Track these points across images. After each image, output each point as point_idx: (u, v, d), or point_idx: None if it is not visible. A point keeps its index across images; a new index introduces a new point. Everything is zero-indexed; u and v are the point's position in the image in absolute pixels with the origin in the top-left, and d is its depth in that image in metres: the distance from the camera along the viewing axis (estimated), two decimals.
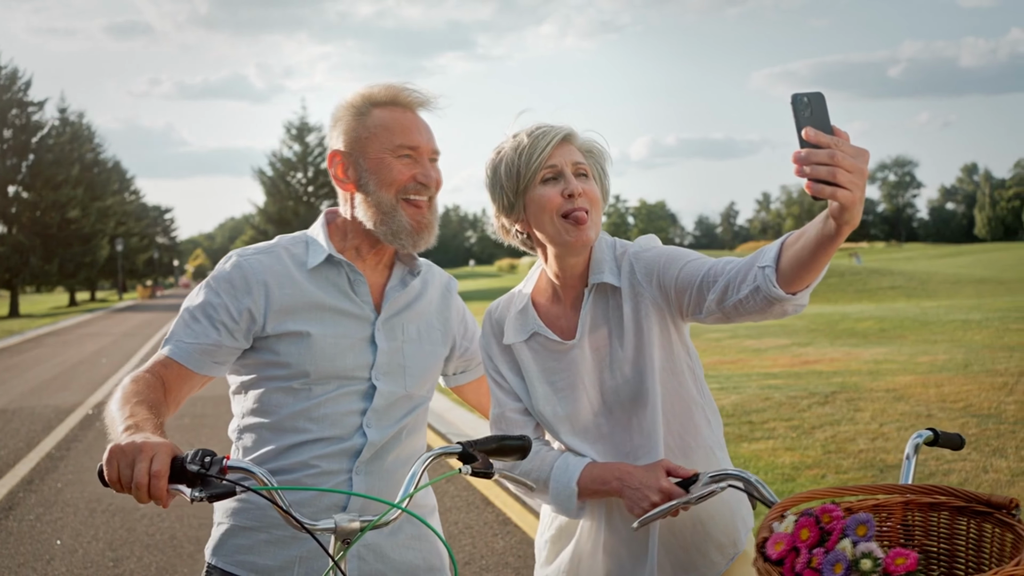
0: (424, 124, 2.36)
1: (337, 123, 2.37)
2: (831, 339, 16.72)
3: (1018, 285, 32.30)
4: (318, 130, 71.54)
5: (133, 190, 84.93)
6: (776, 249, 1.99)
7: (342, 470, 2.30)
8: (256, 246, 2.38)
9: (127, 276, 74.32)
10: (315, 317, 2.29)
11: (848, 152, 1.66)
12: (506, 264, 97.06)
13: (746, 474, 2.12)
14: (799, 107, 1.69)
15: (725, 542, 2.35)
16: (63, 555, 6.25)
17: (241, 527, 2.30)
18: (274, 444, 2.30)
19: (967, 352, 13.14)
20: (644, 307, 2.29)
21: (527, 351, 2.39)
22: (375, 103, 2.34)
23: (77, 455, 9.60)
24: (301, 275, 2.32)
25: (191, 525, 6.85)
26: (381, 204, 2.29)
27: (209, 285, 2.31)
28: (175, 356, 2.25)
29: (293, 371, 2.27)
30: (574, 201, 2.25)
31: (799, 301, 2.00)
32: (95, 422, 11.65)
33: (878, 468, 7.11)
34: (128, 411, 2.00)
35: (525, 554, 5.93)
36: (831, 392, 10.43)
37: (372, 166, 2.29)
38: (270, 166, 71.03)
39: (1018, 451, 7.28)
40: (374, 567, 2.32)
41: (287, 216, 68.73)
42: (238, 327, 2.27)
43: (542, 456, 2.36)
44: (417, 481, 2.01)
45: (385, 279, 2.41)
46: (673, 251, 2.30)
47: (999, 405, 9.07)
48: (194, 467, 1.77)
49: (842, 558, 1.62)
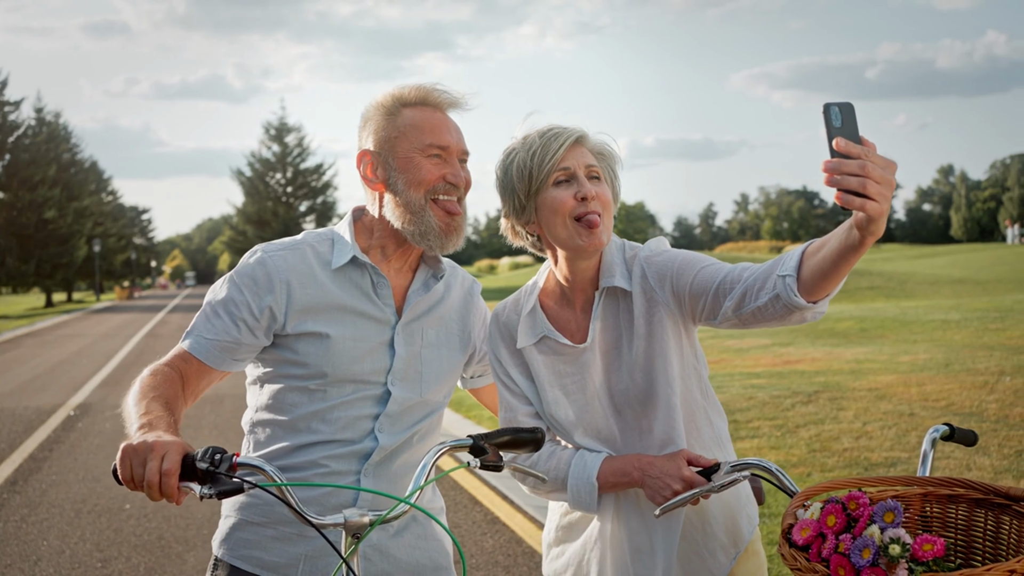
0: (454, 124, 2.36)
1: (367, 123, 2.36)
2: (812, 339, 16.80)
3: (995, 285, 32.57)
4: (297, 130, 71.42)
5: (110, 190, 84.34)
6: (797, 258, 1.99)
7: (351, 471, 2.29)
8: (282, 241, 2.37)
9: (104, 277, 73.80)
10: (336, 318, 2.29)
11: (877, 163, 1.66)
12: (485, 265, 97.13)
13: (767, 463, 2.13)
14: (830, 117, 1.69)
15: (727, 542, 2.36)
16: (50, 556, 6.21)
17: (248, 522, 2.31)
18: (287, 442, 2.30)
19: (947, 352, 13.24)
20: (656, 311, 2.29)
21: (537, 354, 2.38)
22: (405, 103, 2.34)
23: (60, 456, 9.54)
24: (324, 275, 2.31)
25: (178, 525, 6.81)
26: (410, 204, 2.27)
27: (232, 280, 2.30)
28: (194, 351, 2.25)
29: (311, 371, 2.27)
30: (587, 204, 2.23)
31: (819, 309, 2.01)
32: (77, 423, 11.58)
33: (863, 466, 7.15)
34: (144, 407, 2.01)
35: (514, 552, 5.94)
36: (814, 391, 10.48)
37: (402, 165, 2.29)
38: (249, 166, 70.87)
39: (1000, 449, 7.34)
40: (380, 567, 2.32)
41: (266, 217, 68.57)
42: (259, 324, 2.26)
43: (558, 456, 2.36)
44: (427, 475, 2.00)
45: (408, 282, 2.40)
46: (686, 255, 2.29)
47: (980, 404, 9.14)
48: (203, 465, 1.78)
49: (870, 544, 1.63)
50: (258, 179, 70.55)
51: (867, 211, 1.67)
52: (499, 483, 7.56)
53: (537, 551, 5.95)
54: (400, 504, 1.94)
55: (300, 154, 71.44)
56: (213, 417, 11.65)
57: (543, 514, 6.68)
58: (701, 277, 2.21)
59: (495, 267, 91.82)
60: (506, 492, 7.31)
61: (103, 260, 69.21)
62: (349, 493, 2.29)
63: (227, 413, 11.81)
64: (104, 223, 73.03)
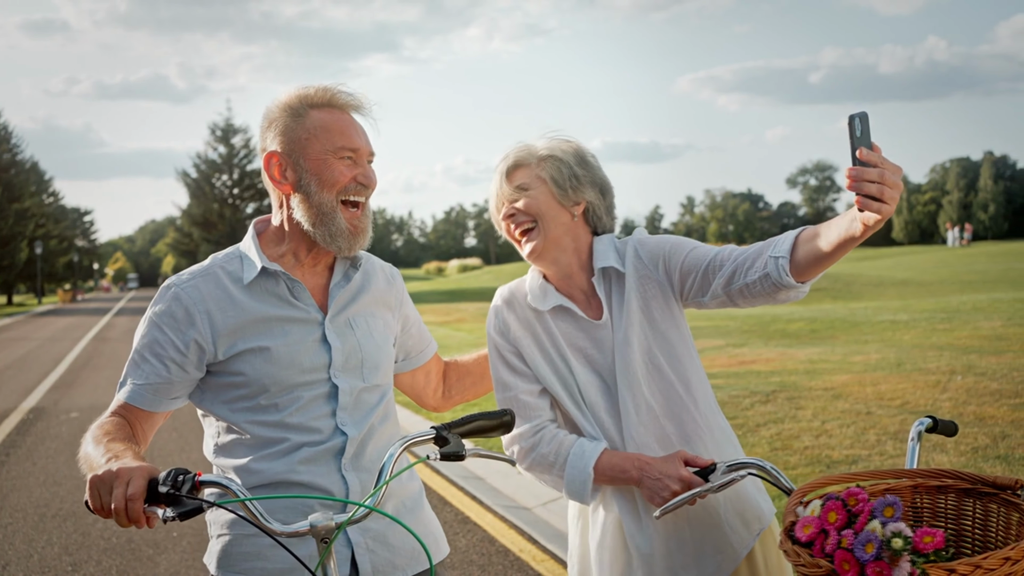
0: (361, 127, 2.39)
1: (272, 124, 2.36)
2: (764, 340, 17.02)
3: (938, 287, 33.16)
4: (244, 131, 70.62)
5: (51, 192, 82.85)
6: (790, 242, 2.21)
7: (331, 470, 2.30)
8: (191, 270, 2.38)
9: (46, 280, 72.56)
10: (263, 330, 2.30)
11: (891, 170, 1.84)
12: (433, 267, 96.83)
13: (763, 463, 2.22)
14: (854, 127, 1.87)
15: (750, 517, 2.47)
16: (18, 560, 6.15)
17: (244, 535, 2.29)
18: (257, 454, 2.29)
19: (898, 352, 13.48)
20: (651, 290, 2.47)
21: (555, 321, 2.51)
22: (312, 104, 2.35)
23: (18, 460, 9.42)
24: (240, 293, 2.32)
25: (147, 529, 6.76)
26: (321, 205, 2.30)
27: (152, 322, 2.31)
28: (131, 400, 2.29)
29: (253, 389, 2.28)
30: (515, 220, 2.51)
31: (804, 289, 2.23)
32: (31, 427, 11.43)
33: (824, 464, 7.29)
34: (104, 447, 2.05)
35: (488, 551, 6.00)
36: (771, 391, 10.64)
37: (314, 167, 2.30)
38: (194, 168, 69.96)
39: (957, 446, 7.52)
40: (383, 556, 2.34)
41: (212, 218, 67.80)
42: (188, 360, 2.28)
43: (559, 440, 2.45)
44: (389, 473, 2.02)
45: (327, 280, 2.42)
46: (677, 238, 2.50)
47: (935, 402, 9.35)
48: (164, 488, 1.81)
49: (873, 538, 1.71)
50: (204, 181, 69.71)
51: (882, 214, 1.87)
52: (467, 484, 7.61)
53: (511, 549, 6.03)
54: (364, 506, 1.97)
55: (247, 155, 70.75)
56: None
57: (513, 513, 6.76)
58: (693, 256, 2.43)
59: (443, 269, 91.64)
60: (475, 492, 7.36)
61: (45, 262, 68.07)
62: (336, 495, 2.29)
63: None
64: (46, 225, 71.79)
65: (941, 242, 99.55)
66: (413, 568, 2.39)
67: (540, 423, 2.47)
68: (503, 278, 60.25)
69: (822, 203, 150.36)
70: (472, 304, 33.26)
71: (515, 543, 6.15)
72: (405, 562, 2.38)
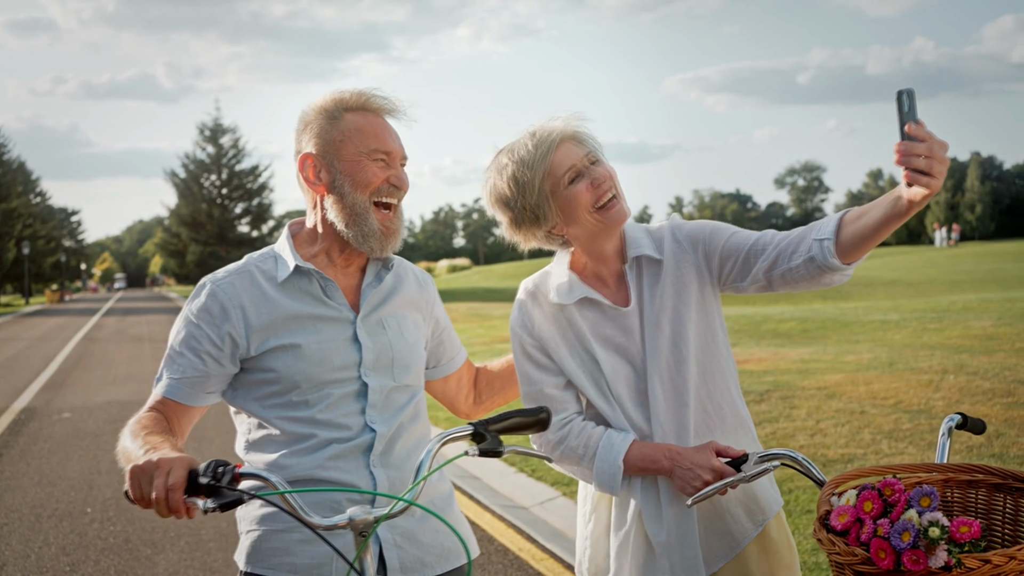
0: (394, 130, 2.43)
1: (307, 126, 2.40)
2: (756, 339, 17.05)
3: (927, 287, 33.26)
4: (232, 131, 70.63)
5: (39, 192, 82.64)
6: (835, 223, 2.20)
7: (359, 466, 2.32)
8: (227, 269, 2.42)
9: (33, 280, 72.28)
10: (296, 328, 2.33)
11: (939, 145, 1.84)
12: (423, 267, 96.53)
13: (795, 454, 2.22)
14: (902, 103, 1.87)
15: (754, 508, 2.46)
16: (15, 560, 6.13)
17: (273, 531, 2.32)
18: (283, 451, 2.32)
19: (890, 351, 13.52)
20: (687, 275, 2.46)
21: (581, 313, 2.49)
22: (347, 107, 2.39)
23: (12, 460, 9.39)
24: (274, 290, 2.36)
25: (144, 528, 6.76)
26: (355, 206, 2.33)
27: (187, 318, 2.35)
28: (168, 394, 2.32)
29: (284, 385, 2.31)
30: (601, 187, 2.41)
31: (849, 272, 2.23)
32: (24, 427, 11.39)
33: (820, 463, 7.30)
34: (141, 440, 2.07)
35: (488, 550, 6.01)
36: (765, 391, 10.66)
37: (348, 168, 2.34)
38: (183, 167, 69.93)
39: (952, 445, 7.53)
40: (411, 553, 2.35)
41: (200, 218, 67.74)
42: (223, 353, 2.32)
43: (588, 433, 2.45)
44: (428, 468, 2.03)
45: (359, 280, 2.45)
46: (716, 223, 2.50)
47: (928, 401, 9.37)
48: (205, 479, 1.82)
49: (910, 527, 1.72)
50: (192, 181, 69.67)
51: (931, 188, 1.88)
52: (464, 484, 7.61)
53: (510, 548, 6.03)
54: (403, 499, 1.96)
55: (235, 155, 70.72)
56: None
57: (511, 513, 6.76)
58: (733, 240, 2.42)
59: (432, 269, 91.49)
60: (472, 492, 7.36)
61: (32, 263, 67.85)
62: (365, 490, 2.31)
63: None
64: (33, 225, 71.61)
65: (928, 242, 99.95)
66: (442, 566, 2.40)
67: (567, 416, 2.47)
68: (492, 278, 60.24)
69: (810, 203, 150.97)
70: (463, 304, 33.23)
71: (514, 542, 6.15)
72: (434, 559, 2.39)
